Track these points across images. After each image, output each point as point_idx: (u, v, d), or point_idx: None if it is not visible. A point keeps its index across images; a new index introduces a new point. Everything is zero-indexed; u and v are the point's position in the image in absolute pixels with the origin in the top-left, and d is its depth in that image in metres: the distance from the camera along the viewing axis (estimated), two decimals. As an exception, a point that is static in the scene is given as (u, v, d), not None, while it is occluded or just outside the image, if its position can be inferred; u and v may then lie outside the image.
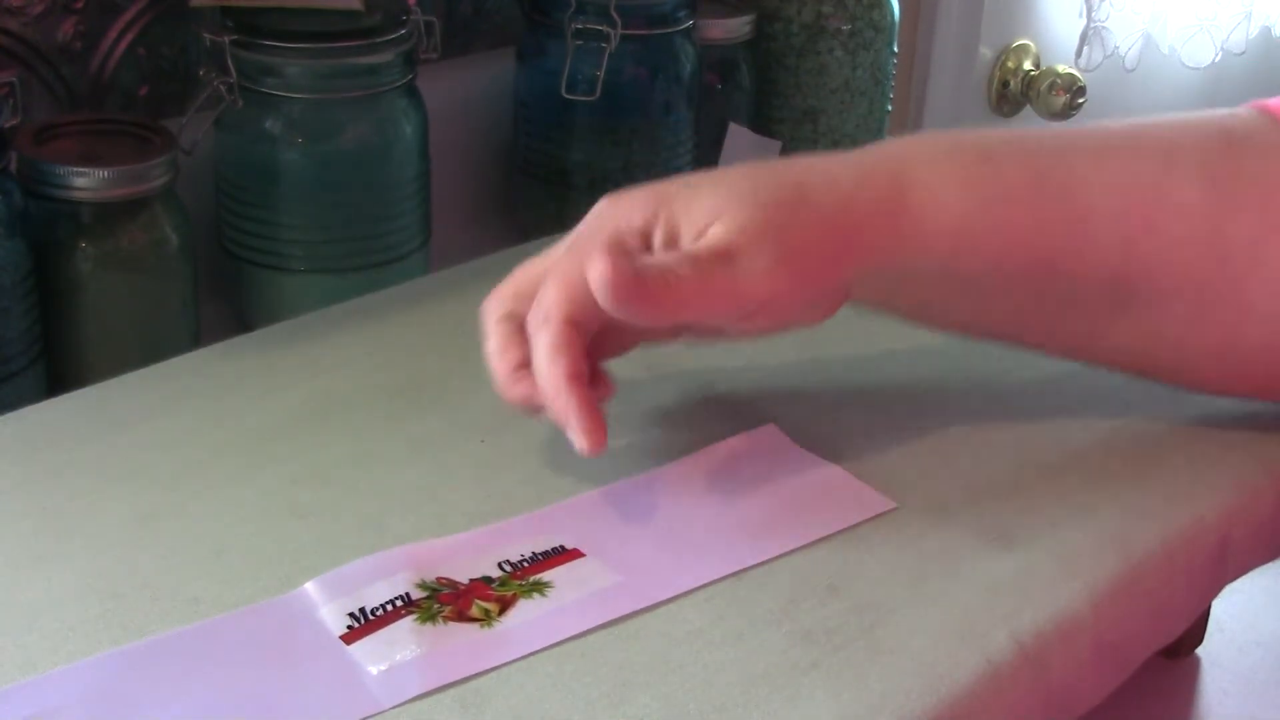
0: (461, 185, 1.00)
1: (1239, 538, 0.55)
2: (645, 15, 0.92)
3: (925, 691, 0.45)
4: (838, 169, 0.54)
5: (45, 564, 0.49)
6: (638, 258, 0.51)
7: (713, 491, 0.54)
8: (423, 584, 0.48)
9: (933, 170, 0.53)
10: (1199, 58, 1.60)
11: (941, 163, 0.54)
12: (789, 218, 0.52)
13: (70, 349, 0.72)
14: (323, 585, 0.48)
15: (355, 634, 0.46)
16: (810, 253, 0.52)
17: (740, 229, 0.51)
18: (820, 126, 1.07)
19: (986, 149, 0.54)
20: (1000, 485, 0.55)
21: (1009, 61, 1.47)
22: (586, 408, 0.50)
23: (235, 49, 0.78)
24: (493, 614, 0.47)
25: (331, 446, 0.56)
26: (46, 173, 0.70)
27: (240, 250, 0.83)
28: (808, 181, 0.53)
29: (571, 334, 0.51)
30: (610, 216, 0.54)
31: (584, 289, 0.51)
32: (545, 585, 0.49)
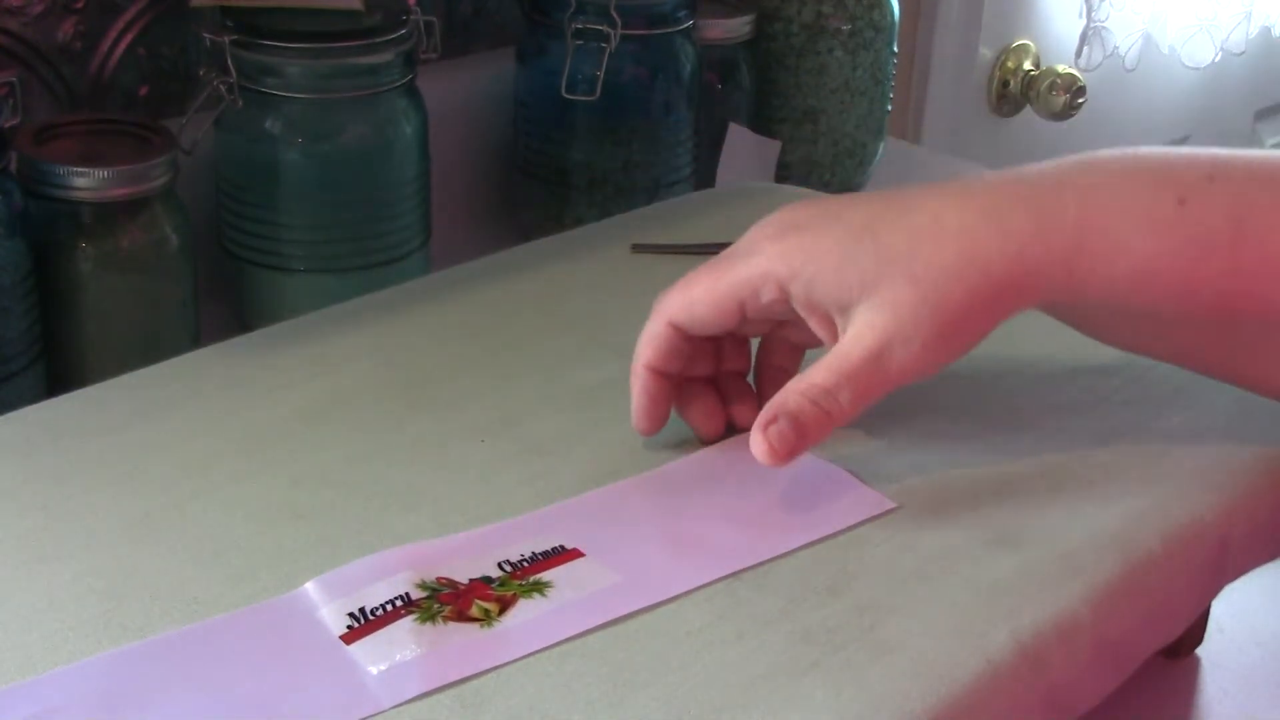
0: (461, 185, 1.00)
1: (1239, 538, 0.55)
2: (645, 15, 0.92)
3: (925, 691, 0.45)
4: (1011, 214, 0.51)
5: (45, 564, 0.49)
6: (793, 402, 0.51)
7: (713, 491, 0.54)
8: (422, 584, 0.48)
9: (1121, 217, 0.51)
10: (1199, 58, 1.60)
11: (1130, 208, 0.51)
12: (949, 289, 0.50)
13: (70, 349, 0.72)
14: (323, 585, 0.48)
15: (355, 634, 0.46)
16: (972, 317, 0.51)
17: (894, 315, 0.50)
18: (820, 126, 1.07)
19: (1182, 188, 0.51)
20: (1000, 485, 0.55)
21: (1009, 61, 1.47)
22: (645, 395, 0.55)
23: (235, 49, 0.78)
24: (493, 614, 0.47)
25: (331, 446, 0.56)
26: (46, 173, 0.70)
27: (240, 250, 0.83)
28: (977, 239, 0.51)
29: (665, 330, 0.54)
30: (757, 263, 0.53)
31: (703, 316, 0.54)
32: (545, 585, 0.49)
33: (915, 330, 0.50)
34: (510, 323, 0.66)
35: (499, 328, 0.65)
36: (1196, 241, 0.50)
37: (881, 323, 0.51)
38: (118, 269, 0.72)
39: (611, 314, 0.66)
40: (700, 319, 0.54)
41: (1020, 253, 0.50)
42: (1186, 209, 0.51)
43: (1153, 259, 0.51)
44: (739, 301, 0.53)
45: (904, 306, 0.50)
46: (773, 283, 0.52)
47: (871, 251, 0.51)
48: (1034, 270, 0.51)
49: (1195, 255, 0.50)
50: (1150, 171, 0.52)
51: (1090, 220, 0.51)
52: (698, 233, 0.75)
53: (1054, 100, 1.45)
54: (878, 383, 0.51)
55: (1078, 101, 1.44)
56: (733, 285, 0.53)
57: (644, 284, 0.69)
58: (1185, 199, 0.51)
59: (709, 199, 0.84)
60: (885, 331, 0.51)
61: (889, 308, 0.51)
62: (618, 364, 0.57)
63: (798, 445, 0.51)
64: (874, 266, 0.51)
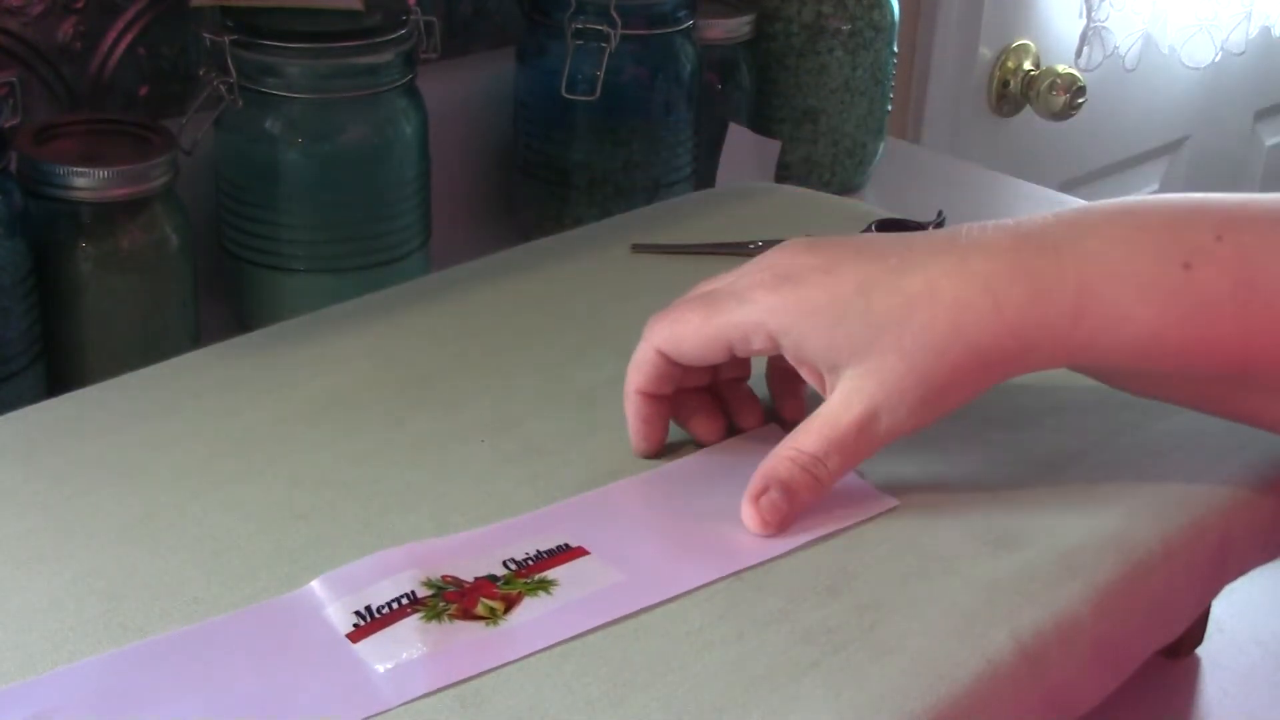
0: (461, 185, 1.00)
1: (1239, 538, 0.55)
2: (645, 15, 0.92)
3: (925, 691, 0.45)
4: (1009, 286, 0.50)
5: (45, 564, 0.49)
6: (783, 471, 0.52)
7: (716, 489, 0.54)
8: (428, 582, 0.48)
9: (1124, 285, 0.49)
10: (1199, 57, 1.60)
11: (1133, 275, 0.49)
12: (937, 363, 0.50)
13: (70, 349, 0.72)
14: (328, 583, 0.48)
15: (361, 632, 0.46)
16: (959, 386, 0.51)
17: (881, 383, 0.50)
18: (820, 126, 1.07)
19: (1188, 251, 0.49)
20: (1000, 485, 0.55)
21: (1009, 61, 1.47)
22: (639, 419, 0.55)
23: (235, 49, 0.78)
24: (498, 612, 0.47)
25: (331, 446, 0.56)
26: (46, 173, 0.70)
27: (240, 250, 0.83)
28: (969, 312, 0.50)
29: (653, 357, 0.55)
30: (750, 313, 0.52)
31: (689, 351, 0.54)
32: (550, 583, 0.49)
33: (901, 399, 0.51)
34: (510, 323, 0.66)
35: (499, 328, 0.65)
36: (1204, 308, 0.49)
37: (869, 390, 0.51)
38: (118, 269, 0.72)
39: (611, 314, 0.66)
40: (687, 355, 0.54)
41: (1015, 326, 0.50)
42: (1193, 274, 0.49)
43: (1157, 327, 0.50)
44: (727, 345, 0.53)
45: (891, 376, 0.50)
46: (763, 334, 0.52)
47: (863, 316, 0.51)
48: (1028, 342, 0.50)
49: (1202, 322, 0.49)
50: (1154, 234, 0.50)
51: (1091, 289, 0.50)
52: (698, 233, 0.75)
53: (1054, 100, 1.45)
54: (865, 447, 0.52)
55: (1078, 101, 1.44)
56: (722, 329, 0.53)
57: (644, 284, 0.69)
58: (1191, 263, 0.49)
59: (709, 199, 0.84)
60: (873, 399, 0.51)
61: (877, 375, 0.51)
62: (618, 364, 0.57)
63: (790, 514, 0.52)
64: (864, 333, 0.51)
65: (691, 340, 0.53)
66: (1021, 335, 0.50)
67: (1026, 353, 0.50)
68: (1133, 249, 0.50)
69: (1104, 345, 0.50)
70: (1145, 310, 0.49)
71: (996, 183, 1.19)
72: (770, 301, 0.52)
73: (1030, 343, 0.50)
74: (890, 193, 1.12)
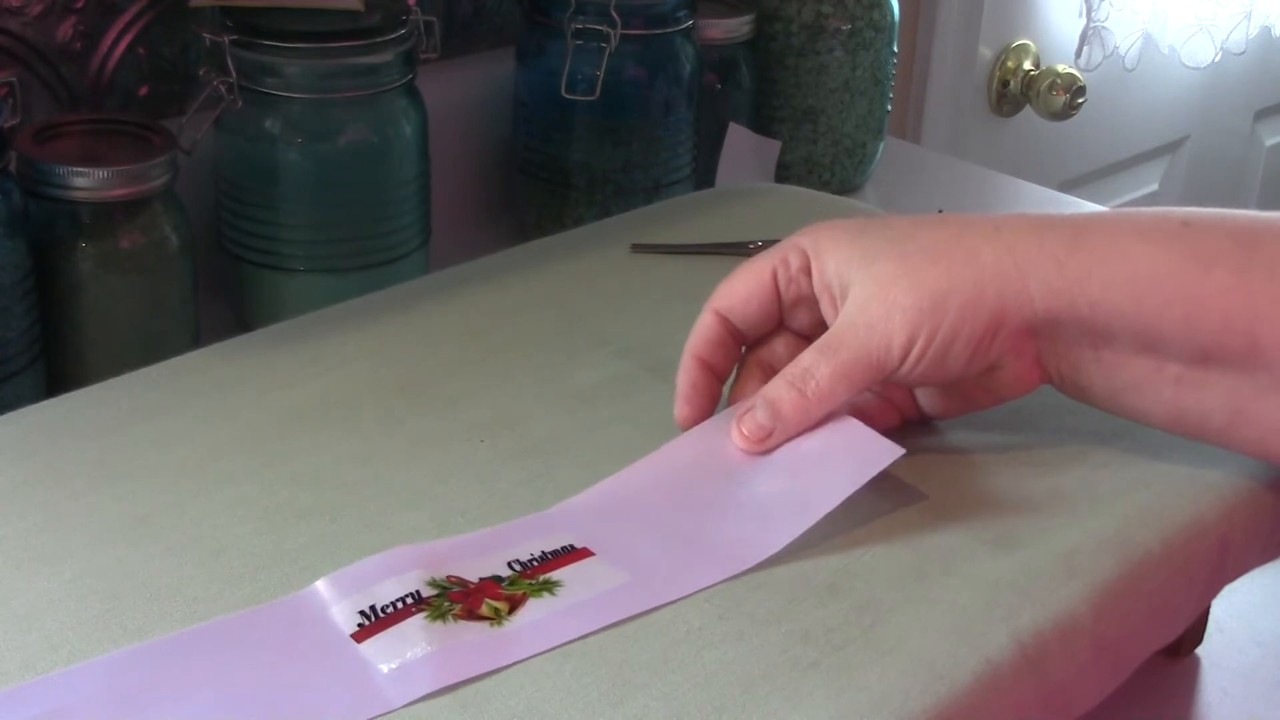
0: (461, 185, 1.00)
1: (1239, 538, 0.55)
2: (645, 15, 0.92)
3: (925, 691, 0.45)
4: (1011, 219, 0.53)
5: (45, 564, 0.49)
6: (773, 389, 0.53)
7: (723, 488, 0.54)
8: (433, 582, 0.48)
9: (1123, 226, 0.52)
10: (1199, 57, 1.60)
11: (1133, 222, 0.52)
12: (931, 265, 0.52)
13: (70, 349, 0.72)
14: (334, 583, 0.48)
15: (366, 632, 0.46)
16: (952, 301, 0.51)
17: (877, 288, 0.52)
18: (820, 126, 1.07)
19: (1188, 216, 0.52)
20: (1000, 485, 0.55)
21: (1009, 61, 1.47)
22: (687, 381, 0.56)
23: (235, 49, 0.78)
24: (503, 613, 0.47)
25: (331, 446, 0.56)
26: (46, 173, 0.70)
27: (240, 250, 0.83)
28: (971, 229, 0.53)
29: (710, 320, 0.56)
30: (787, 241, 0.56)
31: (742, 293, 0.55)
32: (555, 584, 0.49)
33: (894, 304, 0.51)
34: (510, 323, 0.66)
35: (499, 328, 0.65)
36: (1202, 257, 0.50)
37: (864, 297, 0.52)
38: (118, 269, 0.72)
39: (611, 314, 0.66)
40: (738, 298, 0.55)
41: (1012, 244, 0.51)
42: (1191, 230, 0.51)
43: (1155, 266, 0.50)
44: (771, 274, 0.55)
45: (887, 282, 0.52)
46: (799, 251, 0.55)
47: (879, 235, 0.53)
48: (1025, 264, 0.51)
49: (1200, 269, 0.50)
50: (1152, 211, 0.53)
51: (1090, 227, 0.51)
52: (698, 233, 0.75)
53: (1054, 100, 1.45)
54: (859, 363, 0.52)
55: (1078, 101, 1.44)
56: (764, 260, 0.55)
57: (644, 284, 0.69)
58: (1190, 223, 0.51)
59: (709, 199, 0.83)
60: (865, 311, 0.52)
61: (874, 282, 0.52)
62: (618, 364, 0.57)
63: (774, 432, 0.52)
64: (875, 246, 0.53)
65: (739, 282, 0.55)
66: (1019, 255, 0.51)
67: (1024, 274, 0.51)
68: (1134, 213, 0.53)
69: (1101, 279, 0.51)
70: (1144, 249, 0.51)
71: (996, 183, 1.19)
72: (803, 232, 0.56)
73: (1027, 262, 0.51)
74: (890, 193, 1.12)
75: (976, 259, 0.52)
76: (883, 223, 0.55)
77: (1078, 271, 0.51)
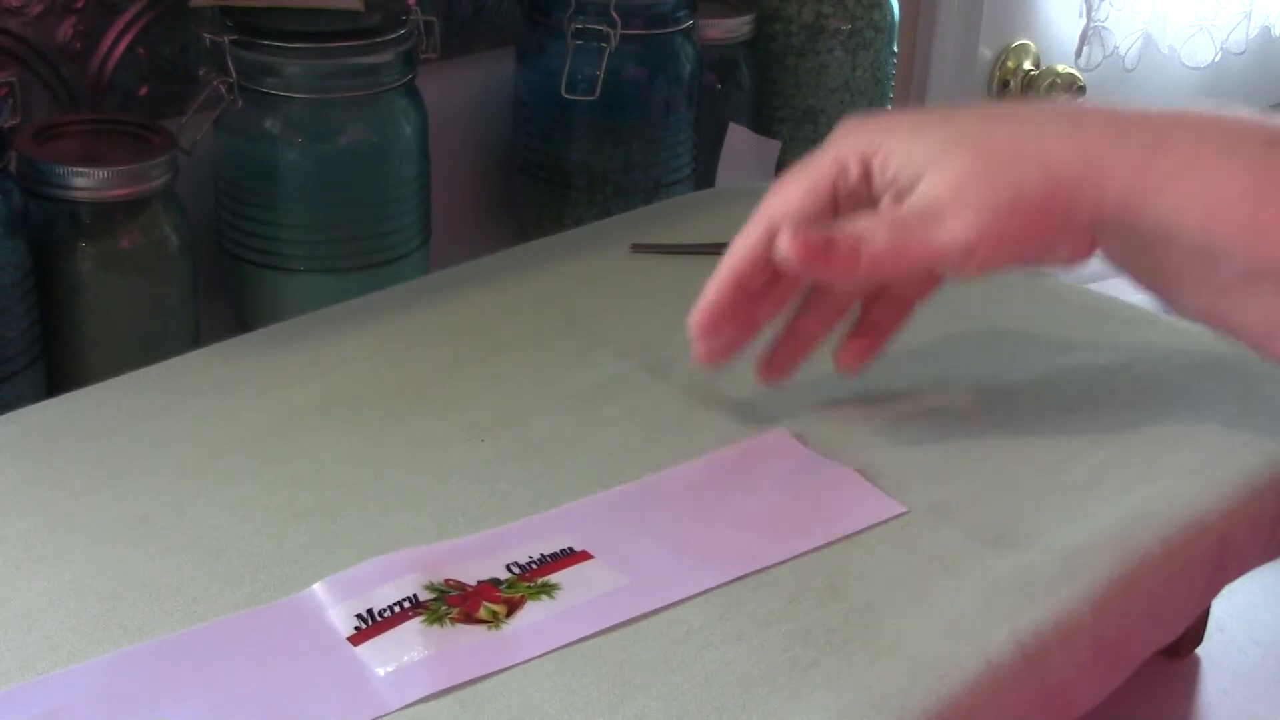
0: (461, 185, 1.00)
1: (1239, 538, 0.55)
2: (645, 15, 0.92)
3: (925, 691, 0.45)
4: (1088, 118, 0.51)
5: (45, 564, 0.49)
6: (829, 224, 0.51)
7: (721, 493, 0.54)
8: (430, 585, 0.48)
9: (1204, 142, 0.49)
10: (1199, 57, 1.60)
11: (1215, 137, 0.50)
12: (1009, 165, 0.50)
13: (70, 349, 0.72)
14: (331, 586, 0.48)
15: (363, 635, 0.46)
16: (1028, 203, 0.50)
17: (950, 182, 0.50)
18: (820, 126, 1.07)
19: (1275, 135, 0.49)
20: (1000, 485, 0.55)
21: (1009, 61, 1.47)
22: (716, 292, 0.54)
23: (235, 49, 0.78)
24: (500, 616, 0.47)
25: (331, 446, 0.56)
26: (46, 173, 0.70)
27: (240, 250, 0.83)
28: (1047, 129, 0.51)
29: (761, 237, 0.54)
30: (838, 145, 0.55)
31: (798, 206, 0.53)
32: (553, 587, 0.49)
33: (968, 200, 0.50)
34: (510, 323, 0.66)
35: (499, 328, 0.65)
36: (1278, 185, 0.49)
37: (935, 189, 0.51)
38: (118, 269, 0.72)
39: (611, 314, 0.66)
40: (796, 207, 0.54)
41: (1090, 148, 0.50)
42: (1274, 152, 0.49)
43: (1233, 191, 0.49)
44: (831, 184, 0.54)
45: (962, 175, 0.50)
46: (857, 157, 0.53)
47: (942, 132, 0.52)
48: (1102, 169, 0.50)
49: (1275, 197, 0.48)
50: (1239, 117, 0.51)
51: (1170, 137, 0.50)
52: (698, 233, 0.75)
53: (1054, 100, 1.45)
54: (920, 242, 0.51)
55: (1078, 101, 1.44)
56: (822, 167, 0.54)
57: (644, 284, 0.69)
58: (1275, 143, 0.49)
59: (709, 199, 0.84)
60: (940, 196, 0.51)
61: (948, 176, 0.51)
62: (618, 364, 0.57)
63: (820, 256, 0.51)
64: (942, 144, 0.52)
65: (796, 192, 0.54)
66: (1096, 158, 0.50)
67: (1098, 181, 0.50)
68: (1214, 121, 0.50)
69: (1174, 194, 0.49)
70: (1219, 170, 0.49)
71: (996, 183, 1.19)
72: (858, 130, 0.54)
73: (1103, 169, 0.50)
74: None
75: (1051, 161, 0.50)
76: (943, 117, 0.53)
77: (1153, 182, 0.49)
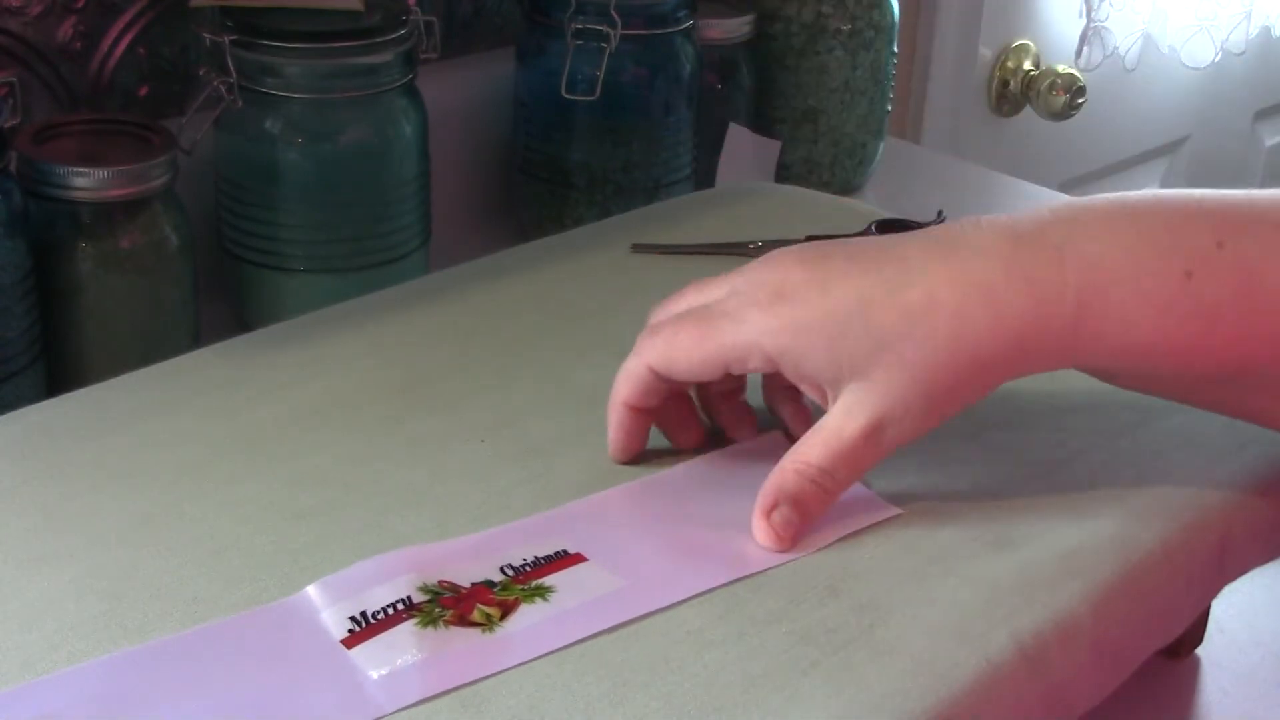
0: (461, 185, 1.00)
1: (1239, 538, 0.55)
2: (645, 15, 0.92)
3: (925, 691, 0.45)
4: (1007, 293, 0.50)
5: (45, 564, 0.49)
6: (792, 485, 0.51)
7: (717, 495, 0.54)
8: (424, 587, 0.48)
9: (1124, 292, 0.49)
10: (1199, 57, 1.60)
11: (1134, 282, 0.49)
12: (939, 371, 0.50)
13: (70, 349, 0.72)
14: (324, 588, 0.48)
15: (356, 638, 0.46)
16: (962, 391, 0.51)
17: (885, 395, 0.50)
18: (820, 126, 1.07)
19: (1189, 259, 0.49)
20: (1000, 485, 0.55)
21: (1009, 61, 1.47)
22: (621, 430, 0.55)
23: (235, 49, 0.78)
24: (494, 619, 0.47)
25: (331, 446, 0.56)
26: (46, 173, 0.70)
27: (240, 250, 0.83)
28: (969, 321, 0.50)
29: (645, 373, 0.54)
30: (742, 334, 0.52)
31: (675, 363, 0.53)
32: (547, 590, 0.49)
33: (906, 410, 0.51)
34: (510, 323, 0.66)
35: (499, 328, 0.65)
36: (1204, 315, 0.49)
37: (873, 402, 0.51)
38: (118, 269, 0.72)
39: (611, 314, 0.66)
40: (681, 374, 0.54)
41: (1016, 334, 0.50)
42: (1194, 282, 0.49)
43: (1158, 333, 0.50)
44: (724, 365, 0.53)
45: (896, 389, 0.50)
46: (760, 355, 0.52)
47: (862, 333, 0.50)
48: (1030, 349, 0.50)
49: (1203, 327, 0.50)
50: (1155, 239, 0.50)
51: (1092, 296, 0.50)
52: (698, 233, 0.75)
53: (1054, 100, 1.45)
54: (871, 457, 0.52)
55: (1078, 101, 1.44)
56: (719, 349, 0.53)
57: (644, 284, 0.69)
58: (1192, 271, 0.49)
59: (709, 199, 0.84)
60: (877, 411, 0.51)
61: (881, 388, 0.51)
62: (617, 364, 0.56)
63: (802, 528, 0.52)
64: (865, 348, 0.50)
65: (685, 361, 0.53)
66: (1023, 343, 0.50)
67: (1028, 358, 0.51)
68: (1133, 255, 0.50)
69: (1105, 350, 0.51)
70: (1146, 317, 0.50)
71: (996, 183, 1.19)
72: (765, 323, 0.52)
73: (1031, 349, 0.50)
74: (890, 193, 1.12)
75: (981, 355, 0.50)
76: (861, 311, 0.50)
77: (1083, 346, 0.50)
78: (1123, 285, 0.50)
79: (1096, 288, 0.50)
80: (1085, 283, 0.50)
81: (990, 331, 0.50)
